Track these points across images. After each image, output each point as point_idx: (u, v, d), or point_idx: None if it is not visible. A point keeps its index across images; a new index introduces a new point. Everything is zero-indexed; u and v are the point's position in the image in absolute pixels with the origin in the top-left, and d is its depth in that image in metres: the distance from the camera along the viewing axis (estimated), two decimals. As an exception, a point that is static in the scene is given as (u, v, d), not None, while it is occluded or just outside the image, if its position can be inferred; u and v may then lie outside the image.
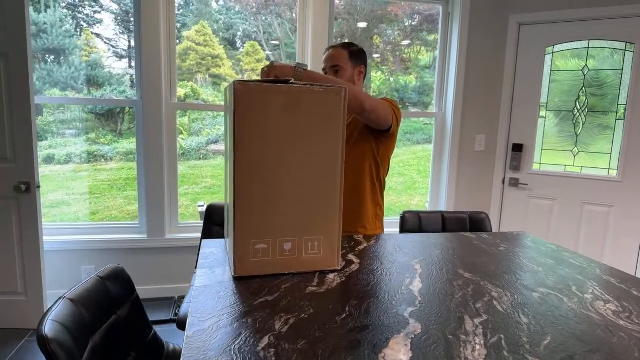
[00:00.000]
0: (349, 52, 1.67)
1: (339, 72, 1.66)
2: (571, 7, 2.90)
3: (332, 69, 1.67)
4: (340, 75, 1.66)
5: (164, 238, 2.86)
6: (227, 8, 3.49)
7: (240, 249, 1.04)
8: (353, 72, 1.67)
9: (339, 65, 1.65)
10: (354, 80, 1.68)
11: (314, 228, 1.09)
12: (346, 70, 1.66)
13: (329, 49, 1.71)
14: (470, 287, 1.06)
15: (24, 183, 2.30)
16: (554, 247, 1.45)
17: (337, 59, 1.66)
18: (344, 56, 1.66)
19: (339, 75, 1.66)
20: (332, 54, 1.67)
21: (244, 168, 1.02)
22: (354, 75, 1.67)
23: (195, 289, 0.99)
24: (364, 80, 1.74)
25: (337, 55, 1.66)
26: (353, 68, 1.67)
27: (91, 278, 0.96)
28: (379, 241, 1.45)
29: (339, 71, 1.66)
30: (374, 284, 1.05)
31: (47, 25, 3.01)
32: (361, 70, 1.69)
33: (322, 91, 1.06)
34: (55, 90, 3.12)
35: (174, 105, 2.87)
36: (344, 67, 1.65)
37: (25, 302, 2.43)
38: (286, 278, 1.07)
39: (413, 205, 4.85)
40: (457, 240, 1.49)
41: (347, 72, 1.66)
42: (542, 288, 1.07)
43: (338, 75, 1.66)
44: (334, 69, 1.66)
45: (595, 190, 2.95)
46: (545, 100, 3.08)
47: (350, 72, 1.66)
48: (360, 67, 1.69)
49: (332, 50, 1.68)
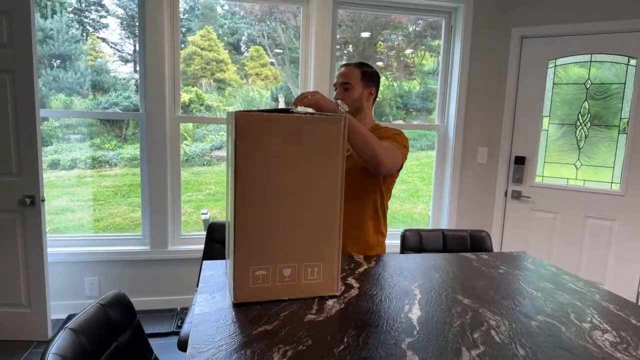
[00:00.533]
0: (361, 71, 1.68)
1: (349, 90, 1.66)
2: (573, 21, 2.91)
3: (342, 85, 1.68)
4: (350, 93, 1.66)
5: (166, 250, 2.87)
6: (232, 13, 3.52)
7: (240, 275, 1.06)
8: (363, 92, 1.68)
9: (350, 84, 1.66)
10: (362, 100, 1.68)
11: (314, 254, 1.10)
12: (356, 90, 1.67)
13: (343, 66, 1.72)
14: (468, 314, 1.07)
15: (29, 196, 2.33)
16: (554, 269, 1.46)
17: (349, 76, 1.67)
18: (356, 75, 1.67)
19: (348, 93, 1.66)
20: (345, 72, 1.68)
21: (244, 196, 1.03)
22: (363, 96, 1.68)
23: (195, 317, 1.00)
24: (374, 102, 1.75)
25: (350, 73, 1.68)
26: (363, 88, 1.68)
27: (92, 306, 0.98)
28: (379, 262, 1.45)
29: (348, 89, 1.66)
30: (373, 311, 1.06)
31: (53, 31, 3.06)
32: (371, 92, 1.70)
33: (322, 120, 1.07)
34: (61, 96, 3.15)
35: (177, 117, 2.89)
36: (354, 86, 1.66)
37: (29, 314, 2.45)
38: (285, 304, 1.08)
39: (416, 214, 4.85)
40: (457, 262, 1.49)
41: (357, 91, 1.67)
42: (541, 316, 1.08)
43: (347, 93, 1.66)
44: (344, 86, 1.67)
45: (598, 204, 2.95)
46: (548, 113, 3.09)
47: (360, 92, 1.67)
48: (371, 89, 1.70)
49: (346, 68, 1.70)
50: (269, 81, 3.66)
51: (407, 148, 1.64)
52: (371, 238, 1.67)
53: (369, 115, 1.74)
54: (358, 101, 1.68)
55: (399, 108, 3.74)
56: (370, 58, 3.52)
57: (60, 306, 2.75)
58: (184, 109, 3.26)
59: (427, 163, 4.03)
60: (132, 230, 3.61)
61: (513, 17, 3.11)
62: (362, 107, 1.69)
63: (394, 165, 1.54)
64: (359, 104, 1.68)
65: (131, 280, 2.87)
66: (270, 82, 3.65)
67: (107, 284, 2.85)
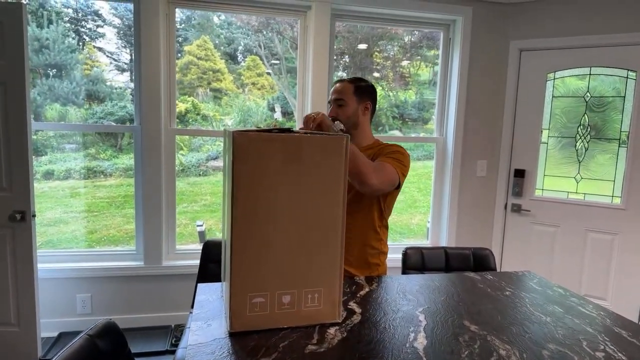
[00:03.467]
0: (354, 86, 1.65)
1: (343, 107, 1.63)
2: (572, 34, 2.90)
3: (335, 102, 1.65)
4: (344, 109, 1.63)
5: (160, 265, 2.81)
6: (229, 23, 3.50)
7: (236, 303, 1.00)
8: (357, 107, 1.64)
9: (343, 100, 1.63)
10: (358, 115, 1.65)
11: (314, 279, 1.05)
12: (350, 105, 1.63)
13: (336, 82, 1.69)
14: (476, 343, 1.02)
15: (19, 212, 2.26)
16: (562, 290, 1.41)
17: (342, 92, 1.64)
18: (349, 90, 1.64)
19: (342, 109, 1.63)
20: (338, 88, 1.65)
21: (241, 219, 0.98)
22: (358, 111, 1.65)
23: (190, 348, 0.95)
24: (371, 116, 1.71)
25: (343, 89, 1.65)
26: (358, 103, 1.64)
27: (80, 337, 0.92)
28: (381, 284, 1.40)
29: (342, 105, 1.63)
30: (377, 341, 1.01)
31: (49, 41, 3.02)
32: (367, 106, 1.67)
33: (323, 139, 1.03)
34: (56, 105, 3.11)
35: (172, 130, 2.85)
36: (347, 102, 1.63)
37: (18, 334, 2.37)
38: (285, 333, 1.02)
39: (414, 225, 4.80)
40: (462, 283, 1.45)
41: (351, 107, 1.63)
42: (552, 344, 1.03)
43: (341, 109, 1.63)
44: (337, 102, 1.64)
45: (599, 218, 2.92)
46: (547, 126, 3.07)
47: (354, 107, 1.64)
48: (366, 103, 1.66)
49: (339, 84, 1.67)
50: (265, 91, 3.64)
51: (407, 166, 1.60)
52: (372, 257, 1.62)
53: (367, 130, 1.70)
54: (353, 117, 1.64)
55: (395, 118, 3.72)
56: (366, 69, 3.50)
57: (51, 324, 2.67)
58: (180, 118, 3.21)
59: (424, 173, 3.99)
60: (126, 243, 3.54)
61: (511, 30, 3.10)
62: (358, 122, 1.66)
63: (384, 184, 1.48)
64: (355, 119, 1.65)
65: (124, 296, 2.80)
66: (267, 91, 3.63)
67: (100, 301, 2.78)
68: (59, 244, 3.42)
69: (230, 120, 3.64)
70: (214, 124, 3.53)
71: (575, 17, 2.89)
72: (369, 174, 1.40)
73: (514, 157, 3.16)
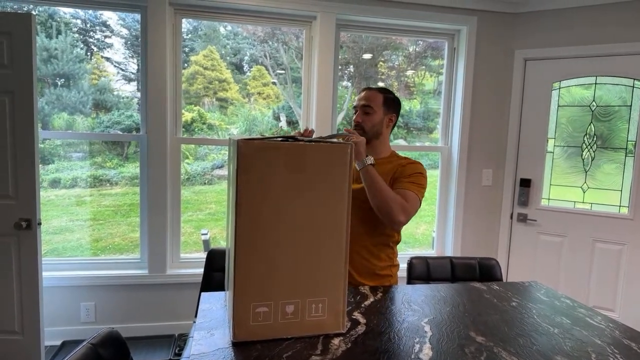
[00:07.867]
0: (384, 97, 1.65)
1: (370, 114, 1.62)
2: (577, 44, 2.90)
3: (362, 108, 1.63)
4: (370, 117, 1.62)
5: (165, 274, 2.80)
6: (235, 33, 3.53)
7: (240, 312, 1.00)
8: (383, 118, 1.64)
9: (371, 107, 1.62)
10: (382, 126, 1.65)
11: (318, 289, 1.04)
12: (377, 114, 1.63)
13: (365, 89, 1.68)
14: (483, 354, 1.00)
15: (25, 220, 2.27)
16: (569, 301, 1.39)
17: (371, 100, 1.63)
18: (378, 99, 1.64)
19: (369, 117, 1.63)
20: (368, 95, 1.65)
21: (246, 228, 0.98)
22: (383, 121, 1.64)
23: (193, 357, 0.94)
24: (392, 129, 1.71)
25: (372, 96, 1.64)
26: (384, 114, 1.64)
27: (83, 346, 0.92)
28: (385, 294, 1.39)
29: (369, 113, 1.62)
30: (382, 352, 1.00)
31: (57, 51, 3.05)
32: (391, 119, 1.67)
33: (328, 147, 1.03)
34: (63, 114, 3.14)
35: (178, 139, 2.86)
36: (375, 110, 1.62)
37: (22, 342, 2.37)
38: (288, 343, 1.01)
39: (419, 234, 4.77)
40: (467, 294, 1.43)
41: (377, 116, 1.63)
42: (560, 356, 1.01)
43: (367, 117, 1.63)
44: (365, 109, 1.63)
45: (606, 228, 2.88)
46: (553, 135, 3.05)
47: (380, 117, 1.64)
48: (392, 115, 1.66)
49: (368, 91, 1.66)
50: (270, 100, 3.66)
51: (425, 187, 1.60)
52: (382, 270, 1.61)
53: (386, 142, 1.70)
54: (378, 126, 1.64)
55: (400, 127, 3.73)
56: (371, 78, 3.51)
57: (55, 332, 2.66)
58: (186, 127, 3.23)
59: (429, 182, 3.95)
60: (131, 251, 3.54)
61: (516, 39, 3.10)
62: (381, 132, 1.65)
63: (410, 217, 1.50)
64: (379, 129, 1.64)
65: (128, 305, 2.79)
66: (272, 101, 3.65)
67: (104, 309, 2.77)
68: (64, 252, 3.42)
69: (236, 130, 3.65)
70: (219, 133, 3.55)
71: (581, 27, 2.89)
72: (397, 213, 1.44)
73: (520, 166, 3.14)
